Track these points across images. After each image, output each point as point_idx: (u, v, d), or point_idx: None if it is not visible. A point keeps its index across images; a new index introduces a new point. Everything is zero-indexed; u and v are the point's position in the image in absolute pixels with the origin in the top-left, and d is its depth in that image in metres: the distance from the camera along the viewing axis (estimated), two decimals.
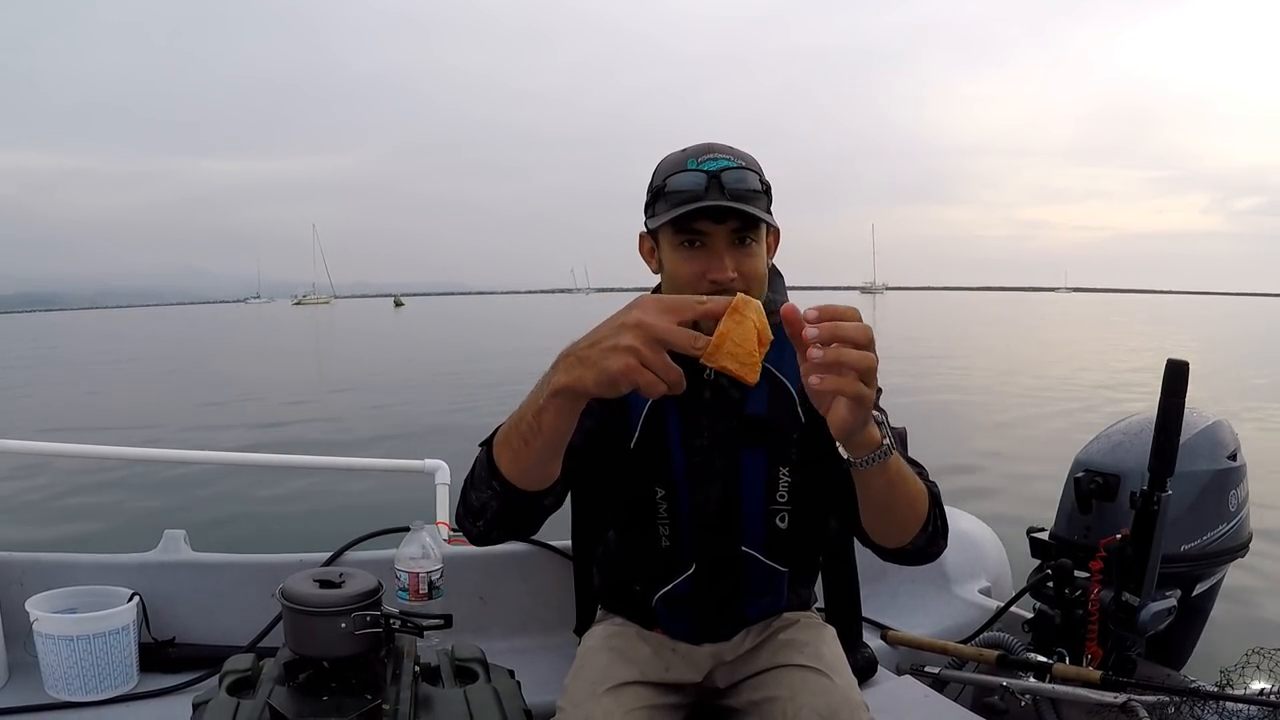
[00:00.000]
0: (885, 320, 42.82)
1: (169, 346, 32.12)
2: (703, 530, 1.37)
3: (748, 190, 1.23)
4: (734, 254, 1.24)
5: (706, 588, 1.40)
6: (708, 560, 1.39)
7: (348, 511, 5.77)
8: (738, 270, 1.23)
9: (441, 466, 2.47)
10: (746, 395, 1.34)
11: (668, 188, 1.25)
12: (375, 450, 8.33)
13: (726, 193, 1.22)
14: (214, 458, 2.92)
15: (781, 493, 1.36)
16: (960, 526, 2.43)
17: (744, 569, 1.39)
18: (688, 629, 1.44)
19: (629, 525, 1.43)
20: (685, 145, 1.31)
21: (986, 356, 21.67)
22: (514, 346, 24.59)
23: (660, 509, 1.37)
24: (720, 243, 1.24)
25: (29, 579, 1.85)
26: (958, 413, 11.40)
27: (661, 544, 1.39)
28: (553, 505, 1.25)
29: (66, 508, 6.65)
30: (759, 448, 1.35)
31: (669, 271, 1.31)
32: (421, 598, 1.67)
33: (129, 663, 1.76)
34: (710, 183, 1.22)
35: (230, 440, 9.53)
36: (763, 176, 1.27)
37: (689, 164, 1.25)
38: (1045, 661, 1.81)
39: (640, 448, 1.35)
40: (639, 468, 1.36)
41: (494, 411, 7.42)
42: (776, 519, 1.37)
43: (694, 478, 1.36)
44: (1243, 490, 1.98)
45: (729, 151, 1.26)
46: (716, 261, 1.23)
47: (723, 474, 1.35)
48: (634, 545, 1.43)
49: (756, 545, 1.38)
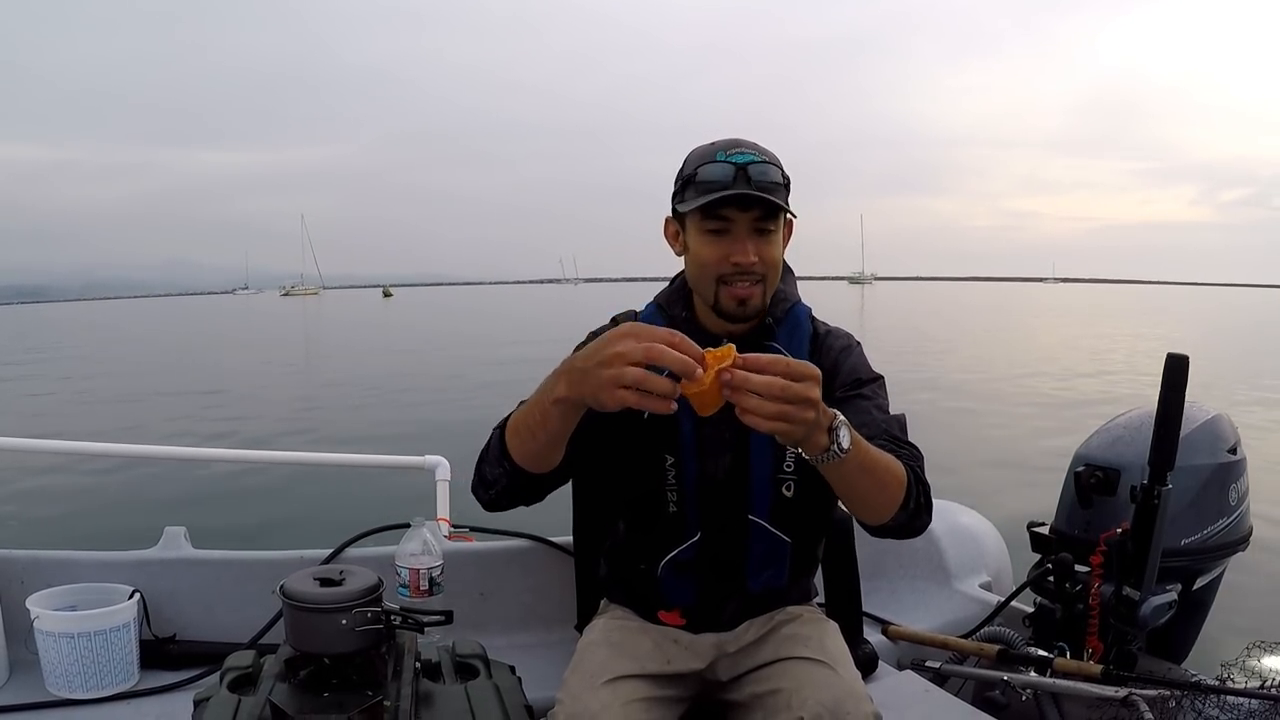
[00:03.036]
0: (874, 312, 42.75)
1: (161, 340, 32.09)
2: (709, 498, 1.42)
3: (771, 183, 1.32)
4: (755, 241, 1.34)
5: (711, 555, 1.44)
6: (714, 528, 1.43)
7: (348, 508, 5.77)
8: (758, 255, 1.34)
9: (442, 463, 2.46)
10: None
11: (698, 177, 1.34)
12: (372, 446, 8.34)
13: (753, 184, 1.31)
14: (215, 454, 2.92)
15: (788, 463, 1.41)
16: (960, 521, 2.43)
17: (750, 537, 1.43)
18: (690, 597, 1.46)
19: (638, 495, 1.46)
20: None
21: (979, 346, 21.69)
22: (507, 337, 24.64)
23: (669, 475, 1.42)
24: (743, 229, 1.34)
25: (30, 576, 1.85)
26: (956, 406, 11.41)
27: (669, 509, 1.43)
28: (558, 482, 1.36)
29: (67, 505, 6.65)
30: None
31: (694, 253, 1.40)
32: (422, 594, 1.67)
33: (130, 660, 1.76)
34: (738, 174, 1.31)
35: (228, 437, 9.54)
36: (784, 171, 1.36)
37: (719, 156, 1.34)
38: (1046, 656, 1.81)
39: (652, 417, 1.37)
40: (650, 436, 1.41)
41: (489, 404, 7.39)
42: (783, 488, 1.41)
43: (702, 447, 1.41)
44: (1243, 484, 1.98)
45: (754, 147, 1.36)
46: (740, 246, 1.34)
47: (732, 444, 1.40)
48: (642, 514, 1.47)
49: (763, 513, 1.42)
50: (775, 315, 1.44)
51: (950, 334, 28.05)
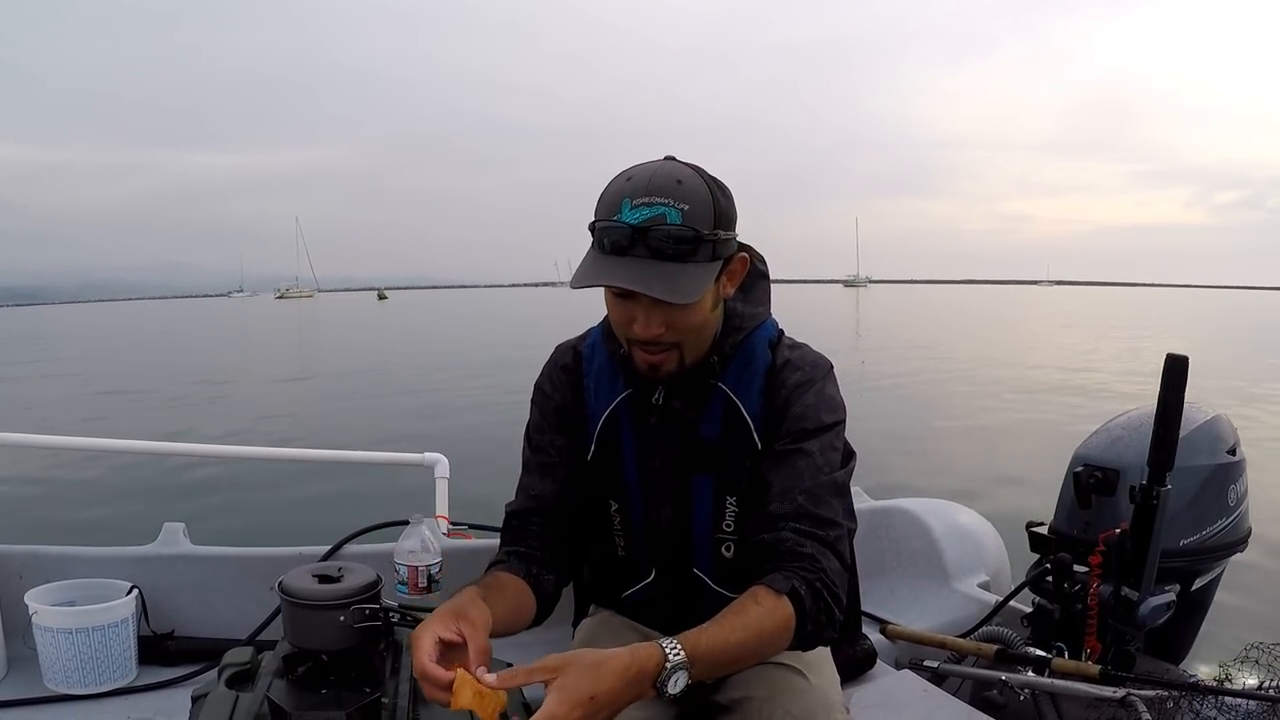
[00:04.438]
0: (870, 315, 42.66)
1: (160, 341, 32.12)
2: (655, 545, 1.38)
3: (675, 246, 1.13)
4: (663, 310, 1.18)
5: (667, 593, 1.40)
6: (664, 570, 1.39)
7: (347, 505, 5.77)
8: (667, 325, 1.19)
9: (441, 460, 2.46)
10: (700, 419, 1.31)
11: (597, 229, 1.18)
12: (370, 443, 8.33)
13: (652, 249, 1.13)
14: (213, 451, 2.91)
15: (728, 522, 1.32)
16: (959, 521, 2.43)
17: (700, 588, 1.37)
18: (659, 621, 1.42)
19: (589, 533, 1.42)
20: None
21: (977, 348, 21.67)
22: (502, 340, 24.64)
23: (615, 521, 1.38)
24: (646, 300, 1.17)
25: (28, 572, 1.85)
26: (955, 405, 11.42)
27: (618, 553, 1.41)
28: (568, 563, 1.37)
29: (66, 500, 6.65)
30: (707, 474, 1.32)
31: (608, 311, 1.27)
32: (420, 591, 1.67)
33: (128, 655, 1.76)
34: (635, 238, 1.13)
35: (227, 434, 9.53)
36: (707, 223, 1.16)
37: (623, 206, 1.15)
38: (1044, 656, 1.81)
39: (596, 460, 1.37)
40: (594, 479, 1.37)
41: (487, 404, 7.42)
42: (722, 548, 1.34)
43: (645, 495, 1.36)
44: (1242, 485, 1.98)
45: (671, 193, 1.14)
46: (642, 317, 1.19)
47: (673, 496, 1.34)
48: (596, 551, 1.44)
49: (705, 570, 1.36)
50: (723, 351, 1.29)
51: (946, 335, 28.09)
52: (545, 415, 1.39)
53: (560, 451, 1.36)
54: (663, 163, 1.19)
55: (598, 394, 1.36)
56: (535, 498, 1.35)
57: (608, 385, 1.35)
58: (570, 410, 1.38)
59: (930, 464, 7.67)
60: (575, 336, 1.44)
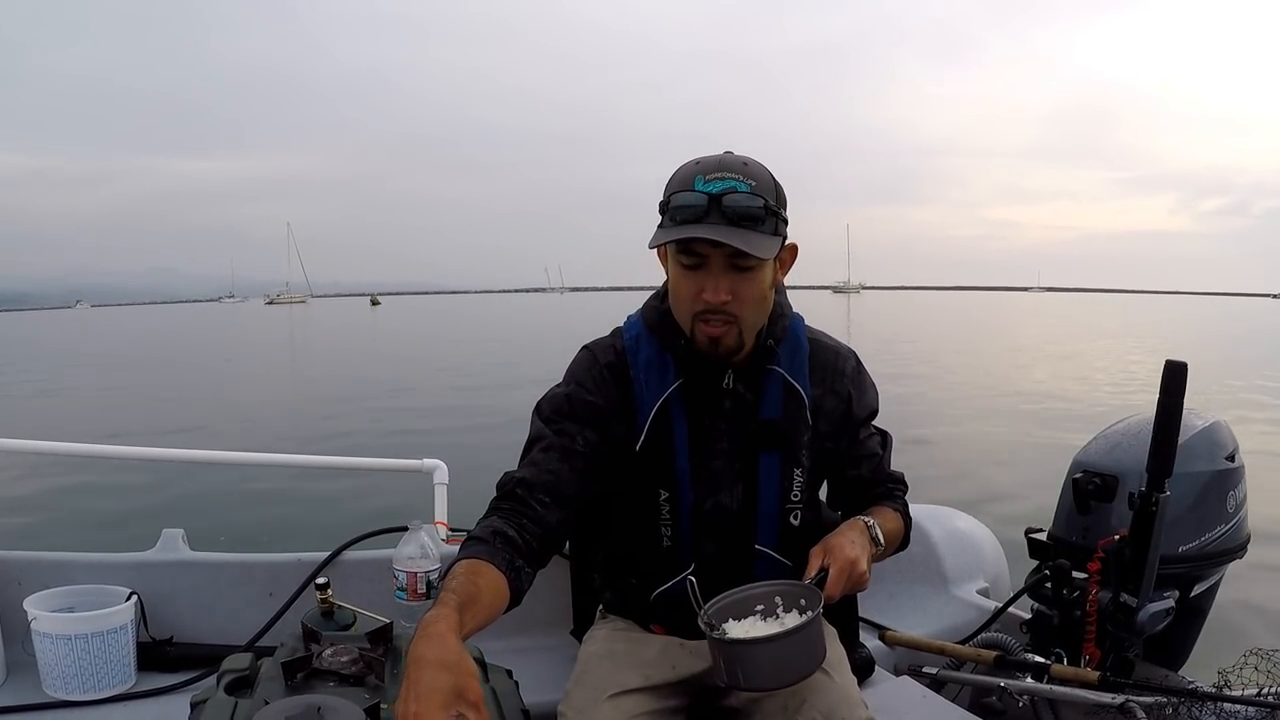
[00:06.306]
0: (863, 322, 42.63)
1: (152, 347, 32.11)
2: (709, 531, 1.40)
3: (749, 215, 1.23)
4: (731, 278, 1.27)
5: (703, 586, 1.39)
6: (708, 560, 1.40)
7: (346, 511, 5.77)
8: (733, 293, 1.27)
9: (440, 466, 2.46)
10: (761, 400, 1.39)
11: (672, 203, 1.26)
12: (369, 450, 8.32)
13: (726, 216, 1.23)
14: (212, 457, 2.91)
15: (795, 493, 1.41)
16: (958, 527, 2.43)
17: (754, 565, 1.42)
18: (686, 626, 1.43)
19: (632, 525, 1.43)
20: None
21: (971, 356, 21.68)
22: (500, 345, 24.68)
23: (663, 510, 1.39)
24: (717, 266, 1.26)
25: (27, 578, 1.85)
26: (952, 412, 11.42)
27: (663, 544, 1.41)
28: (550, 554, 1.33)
29: (65, 506, 6.64)
30: (774, 451, 1.40)
31: (671, 285, 1.35)
32: (420, 597, 1.67)
33: (127, 662, 1.76)
34: (711, 205, 1.23)
35: (226, 440, 9.53)
36: (772, 198, 1.27)
37: (695, 182, 1.25)
38: (1043, 662, 1.81)
39: (646, 450, 1.37)
40: (644, 470, 1.38)
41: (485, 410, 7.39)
42: (790, 517, 1.42)
43: (703, 481, 1.39)
44: (1241, 491, 1.98)
45: (739, 170, 1.26)
46: (712, 284, 1.27)
47: (742, 475, 1.39)
48: (636, 545, 1.44)
49: (770, 543, 1.42)
50: (775, 335, 1.39)
51: (939, 342, 28.07)
52: (577, 408, 1.37)
53: (587, 443, 1.35)
54: (725, 153, 1.31)
55: (648, 385, 1.38)
56: (551, 473, 1.31)
57: (658, 376, 1.38)
58: (612, 410, 1.37)
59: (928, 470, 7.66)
60: (604, 336, 1.45)
